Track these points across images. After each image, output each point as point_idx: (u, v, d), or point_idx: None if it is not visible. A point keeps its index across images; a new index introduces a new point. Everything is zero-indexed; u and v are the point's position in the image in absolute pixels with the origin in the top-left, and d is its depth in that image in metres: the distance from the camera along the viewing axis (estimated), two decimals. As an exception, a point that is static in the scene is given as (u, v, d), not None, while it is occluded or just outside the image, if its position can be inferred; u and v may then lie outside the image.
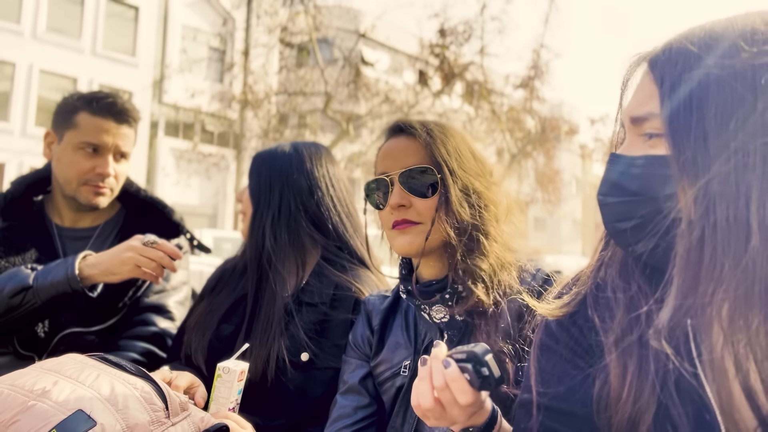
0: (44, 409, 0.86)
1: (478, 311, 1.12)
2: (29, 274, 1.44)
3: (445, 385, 0.79)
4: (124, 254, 1.43)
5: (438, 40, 14.92)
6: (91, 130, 1.61)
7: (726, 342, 0.62)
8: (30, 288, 1.41)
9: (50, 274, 1.42)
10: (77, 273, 1.42)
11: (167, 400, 0.97)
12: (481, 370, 0.78)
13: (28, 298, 1.41)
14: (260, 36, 16.08)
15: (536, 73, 15.47)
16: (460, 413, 0.81)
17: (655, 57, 0.70)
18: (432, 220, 1.14)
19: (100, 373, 0.97)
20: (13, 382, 0.92)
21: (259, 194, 1.48)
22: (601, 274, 0.78)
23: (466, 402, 0.79)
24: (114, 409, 0.89)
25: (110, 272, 1.44)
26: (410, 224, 1.15)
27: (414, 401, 0.83)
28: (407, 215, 1.15)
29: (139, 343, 1.59)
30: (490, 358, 0.79)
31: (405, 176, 1.15)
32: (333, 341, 1.35)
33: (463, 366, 0.79)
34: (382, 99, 15.21)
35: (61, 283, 1.41)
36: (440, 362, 0.81)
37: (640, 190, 0.68)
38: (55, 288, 1.41)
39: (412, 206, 1.15)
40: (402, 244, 1.16)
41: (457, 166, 1.15)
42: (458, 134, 1.21)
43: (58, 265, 1.44)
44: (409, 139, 1.19)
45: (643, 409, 0.66)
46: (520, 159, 16.33)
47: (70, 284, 1.41)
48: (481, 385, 0.78)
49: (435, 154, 1.15)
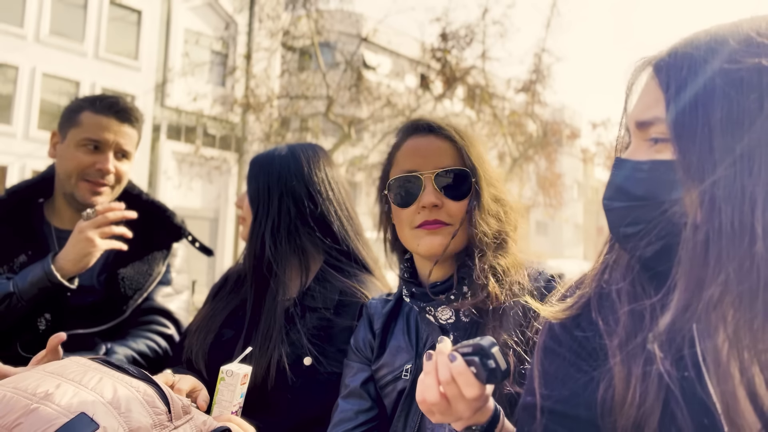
0: (47, 413, 0.86)
1: (484, 311, 1.12)
2: (7, 282, 1.48)
3: (451, 378, 0.80)
4: (78, 236, 1.49)
5: (440, 44, 14.93)
6: (93, 127, 1.63)
7: (731, 346, 0.61)
8: (12, 294, 1.46)
9: (28, 275, 1.47)
10: (53, 268, 1.46)
11: (170, 404, 0.97)
12: (488, 362, 0.78)
13: (14, 303, 1.46)
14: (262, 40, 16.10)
15: (538, 77, 15.47)
16: (466, 408, 0.81)
17: (660, 61, 0.70)
18: (461, 223, 1.15)
19: (102, 376, 0.97)
20: (15, 385, 0.92)
21: (258, 201, 1.47)
22: (606, 278, 0.78)
23: (472, 395, 0.79)
24: (117, 413, 0.89)
25: (79, 257, 1.49)
26: (441, 225, 1.15)
27: (419, 396, 0.83)
28: (439, 215, 1.15)
29: (147, 333, 1.62)
30: (496, 350, 0.79)
31: (440, 177, 1.16)
32: (337, 346, 1.35)
33: (470, 359, 0.79)
34: (384, 103, 15.21)
35: (41, 279, 1.46)
36: (446, 356, 0.81)
37: (646, 194, 0.68)
38: (35, 286, 1.46)
39: (444, 207, 1.16)
40: (432, 245, 1.15)
41: (486, 170, 1.18)
42: (479, 140, 1.23)
43: (35, 266, 1.49)
44: (440, 139, 1.19)
45: (647, 413, 0.66)
46: (522, 163, 16.31)
47: (49, 279, 1.46)
48: (488, 377, 0.79)
49: (467, 157, 1.16)
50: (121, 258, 1.67)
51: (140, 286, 1.65)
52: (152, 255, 1.73)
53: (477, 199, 1.15)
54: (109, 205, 1.54)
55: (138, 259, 1.69)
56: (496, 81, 16.27)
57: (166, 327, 1.66)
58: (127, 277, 1.65)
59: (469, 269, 1.15)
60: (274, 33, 15.52)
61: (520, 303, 1.10)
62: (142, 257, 1.71)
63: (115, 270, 1.66)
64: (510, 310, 1.11)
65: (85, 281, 1.61)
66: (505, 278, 1.13)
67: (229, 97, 17.30)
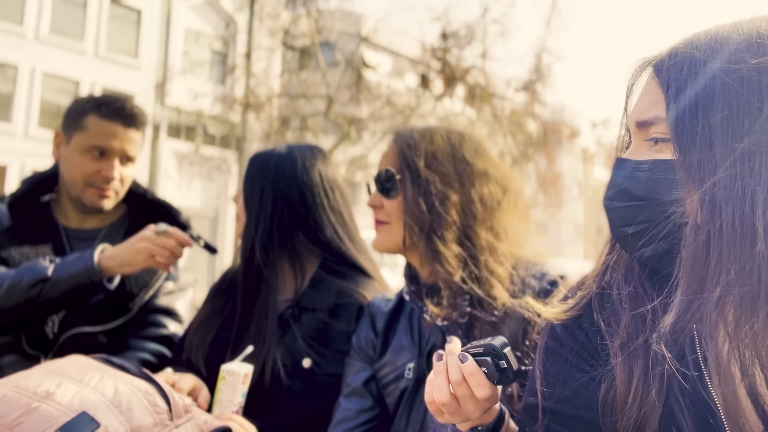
0: (48, 411, 0.86)
1: (478, 312, 1.12)
2: (47, 266, 1.46)
3: (462, 379, 0.80)
4: (139, 244, 1.47)
5: (440, 44, 14.92)
6: (99, 133, 1.62)
7: (732, 347, 0.61)
8: (48, 279, 1.43)
9: (69, 267, 1.45)
10: (96, 265, 1.44)
11: (170, 403, 0.97)
12: (500, 363, 0.78)
13: (47, 290, 1.43)
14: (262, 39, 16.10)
15: (538, 77, 15.45)
16: (476, 408, 0.81)
17: (660, 61, 0.70)
18: (396, 220, 1.22)
19: (104, 375, 0.97)
20: (17, 383, 0.92)
21: (252, 203, 1.46)
22: (607, 278, 0.78)
23: (483, 396, 0.79)
24: (118, 411, 0.89)
25: (126, 263, 1.47)
26: (380, 224, 1.25)
27: (428, 396, 0.83)
28: (378, 215, 1.25)
29: (150, 344, 1.60)
30: (508, 350, 0.79)
31: (377, 179, 1.25)
32: (336, 347, 1.35)
33: (481, 359, 0.79)
34: (384, 102, 15.21)
35: (81, 274, 1.44)
36: (456, 356, 0.81)
37: (646, 194, 0.68)
38: (74, 280, 1.44)
39: (383, 207, 1.24)
40: (376, 243, 1.27)
41: (425, 168, 1.18)
42: (445, 138, 1.23)
43: (77, 258, 1.47)
44: (389, 145, 1.28)
45: (648, 414, 0.66)
46: (522, 162, 16.30)
47: (89, 276, 1.44)
48: (499, 378, 0.79)
49: (402, 158, 1.22)
50: None
51: (146, 283, 1.66)
52: None
53: (405, 195, 1.19)
54: (183, 237, 1.52)
55: None
56: (496, 80, 16.26)
57: (166, 328, 1.65)
58: (132, 276, 1.65)
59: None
60: (274, 32, 15.51)
61: (521, 305, 1.10)
62: None
63: None
64: (512, 313, 1.10)
65: None
66: (486, 278, 1.12)
67: (229, 96, 17.30)
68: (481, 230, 1.16)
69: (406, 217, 1.18)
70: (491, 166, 1.22)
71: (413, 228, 1.17)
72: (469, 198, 1.17)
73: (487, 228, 1.17)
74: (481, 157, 1.22)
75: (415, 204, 1.17)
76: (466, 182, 1.18)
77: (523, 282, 1.15)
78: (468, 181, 1.18)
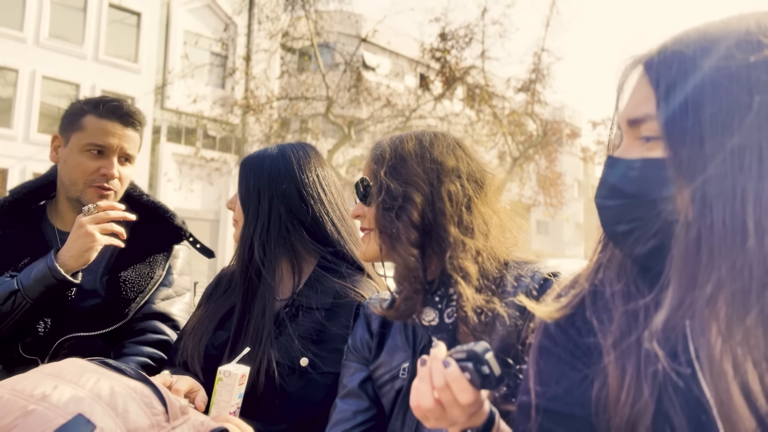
0: (44, 414, 0.86)
1: (466, 314, 1.11)
2: (12, 281, 1.48)
3: (446, 384, 0.79)
4: (78, 231, 1.49)
5: (439, 45, 14.94)
6: (97, 131, 1.63)
7: (724, 343, 0.61)
8: (17, 291, 1.45)
9: (32, 272, 1.47)
10: (56, 264, 1.46)
11: (167, 404, 0.97)
12: (482, 368, 0.78)
13: (18, 301, 1.45)
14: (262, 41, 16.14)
15: (537, 77, 15.47)
16: (461, 413, 0.81)
17: (650, 59, 0.70)
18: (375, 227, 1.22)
19: (100, 377, 0.97)
20: (13, 386, 0.92)
21: (248, 204, 1.46)
22: (600, 276, 0.78)
23: (466, 401, 0.79)
24: (114, 413, 0.89)
25: (80, 252, 1.49)
26: (366, 231, 1.26)
27: (413, 402, 0.83)
28: (362, 224, 1.27)
29: (146, 348, 1.60)
30: (490, 356, 0.79)
31: (356, 189, 1.27)
32: (333, 346, 1.35)
33: (464, 365, 0.79)
34: (384, 103, 15.23)
35: (45, 276, 1.46)
36: (440, 362, 0.81)
37: (638, 192, 0.68)
38: (40, 283, 1.46)
39: (365, 215, 1.25)
40: (363, 251, 1.26)
41: (385, 175, 1.18)
42: (415, 141, 1.21)
43: (37, 263, 1.49)
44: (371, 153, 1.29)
45: (641, 411, 0.66)
46: (522, 162, 16.29)
47: (53, 275, 1.46)
48: (482, 384, 0.78)
49: (371, 167, 1.23)
50: (123, 261, 1.67)
51: (142, 288, 1.66)
52: (153, 257, 1.73)
53: (375, 205, 1.21)
54: (110, 203, 1.55)
55: (139, 262, 1.70)
56: (496, 81, 16.27)
57: (163, 333, 1.65)
58: (128, 280, 1.65)
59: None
60: (273, 34, 15.54)
61: (513, 304, 1.09)
62: (144, 260, 1.71)
63: (116, 273, 1.66)
64: (500, 315, 1.09)
65: (89, 285, 1.61)
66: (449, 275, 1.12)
67: (228, 98, 17.33)
68: (450, 226, 1.13)
69: (375, 224, 1.20)
70: (464, 162, 1.19)
71: (383, 234, 1.18)
72: (438, 196, 1.15)
73: (454, 224, 1.13)
74: (453, 155, 1.19)
75: (378, 210, 1.19)
76: (434, 181, 1.16)
77: (515, 281, 1.14)
78: (437, 179, 1.16)
